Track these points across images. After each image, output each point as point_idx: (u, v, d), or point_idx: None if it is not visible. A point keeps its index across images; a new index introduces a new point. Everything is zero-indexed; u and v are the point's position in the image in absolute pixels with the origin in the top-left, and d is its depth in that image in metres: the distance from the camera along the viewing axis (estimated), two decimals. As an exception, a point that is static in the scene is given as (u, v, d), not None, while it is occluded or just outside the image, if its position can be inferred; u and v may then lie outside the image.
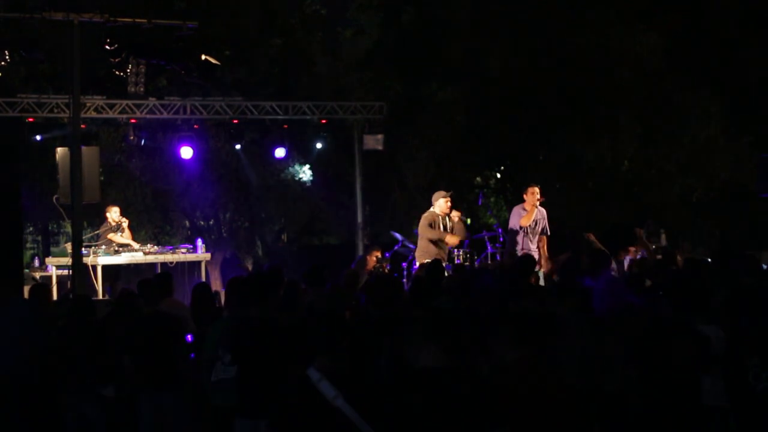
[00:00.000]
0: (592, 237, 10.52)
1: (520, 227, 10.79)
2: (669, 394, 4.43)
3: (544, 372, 4.37)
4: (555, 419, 4.24)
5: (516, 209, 11.10)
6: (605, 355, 5.09)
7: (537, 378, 4.32)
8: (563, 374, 4.37)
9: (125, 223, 12.97)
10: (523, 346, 4.53)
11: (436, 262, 8.70)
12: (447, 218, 10.99)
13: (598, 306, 6.64)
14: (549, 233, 11.00)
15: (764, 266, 9.58)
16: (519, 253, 10.67)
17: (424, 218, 10.97)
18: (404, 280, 11.44)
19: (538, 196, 10.85)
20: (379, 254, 12.22)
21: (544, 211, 11.04)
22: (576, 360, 5.29)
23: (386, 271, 11.83)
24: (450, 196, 11.04)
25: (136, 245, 12.78)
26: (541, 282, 9.80)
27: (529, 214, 10.78)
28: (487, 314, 5.69)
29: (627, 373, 4.75)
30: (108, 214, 12.91)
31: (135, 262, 12.83)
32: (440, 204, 11.00)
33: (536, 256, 10.42)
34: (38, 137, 13.58)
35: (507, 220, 12.22)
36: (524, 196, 11.06)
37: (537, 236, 10.91)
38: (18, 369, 6.11)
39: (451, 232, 10.97)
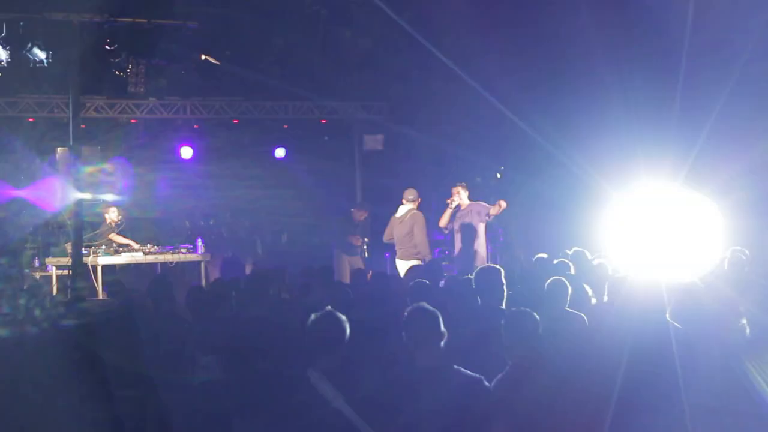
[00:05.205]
0: None
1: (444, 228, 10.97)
2: (649, 396, 4.46)
3: (543, 372, 4.38)
4: (554, 419, 4.25)
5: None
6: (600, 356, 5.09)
7: (536, 378, 4.33)
8: (562, 375, 4.38)
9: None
10: (522, 347, 4.54)
11: (434, 262, 8.73)
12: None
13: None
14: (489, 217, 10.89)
15: None
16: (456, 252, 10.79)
17: (421, 217, 11.00)
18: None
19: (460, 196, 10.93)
20: (367, 214, 12.34)
21: (481, 204, 10.95)
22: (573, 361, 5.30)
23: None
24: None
25: (136, 245, 12.78)
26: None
27: (445, 214, 10.87)
28: (487, 314, 5.70)
29: (615, 373, 4.78)
30: (106, 215, 12.87)
31: (135, 262, 12.82)
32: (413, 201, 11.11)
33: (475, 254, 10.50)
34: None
35: (507, 221, 12.28)
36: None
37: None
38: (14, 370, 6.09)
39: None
